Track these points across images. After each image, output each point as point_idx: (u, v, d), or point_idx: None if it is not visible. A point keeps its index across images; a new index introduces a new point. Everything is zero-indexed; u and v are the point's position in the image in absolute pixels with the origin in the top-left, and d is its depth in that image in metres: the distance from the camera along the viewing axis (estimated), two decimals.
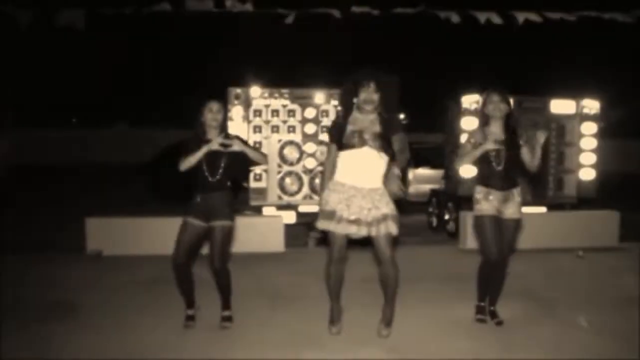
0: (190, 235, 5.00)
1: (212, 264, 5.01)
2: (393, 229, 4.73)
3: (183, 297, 5.19)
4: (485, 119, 5.15)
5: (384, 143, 4.77)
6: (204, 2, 6.54)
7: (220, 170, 4.99)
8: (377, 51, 25.58)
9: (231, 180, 5.16)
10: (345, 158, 4.79)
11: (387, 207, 4.73)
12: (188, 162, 4.93)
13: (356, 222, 4.68)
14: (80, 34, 6.61)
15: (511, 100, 5.20)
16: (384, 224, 4.70)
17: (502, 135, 5.07)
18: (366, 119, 4.80)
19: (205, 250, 5.53)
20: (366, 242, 4.89)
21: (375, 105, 4.79)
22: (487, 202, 5.08)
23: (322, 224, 4.79)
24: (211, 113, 5.01)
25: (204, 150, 4.91)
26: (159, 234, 7.81)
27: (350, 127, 4.79)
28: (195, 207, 5.00)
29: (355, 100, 4.83)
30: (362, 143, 4.72)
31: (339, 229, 4.71)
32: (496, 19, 6.84)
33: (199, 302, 5.25)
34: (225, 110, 5.20)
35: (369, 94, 4.76)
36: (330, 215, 4.72)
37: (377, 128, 4.78)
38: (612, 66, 28.03)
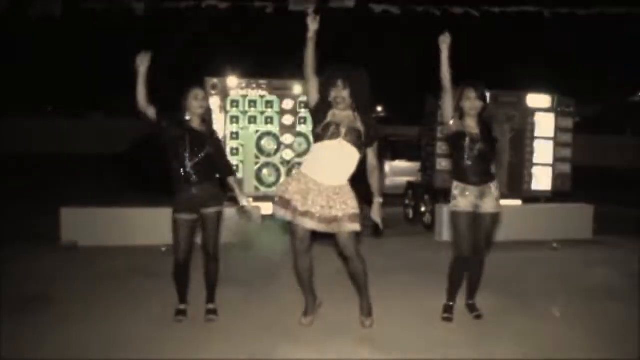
0: (186, 231, 4.93)
1: (207, 250, 5.01)
2: (347, 228, 4.70)
3: (178, 291, 5.13)
4: (460, 112, 5.13)
5: (359, 140, 4.77)
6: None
7: (205, 164, 4.93)
8: (356, 41, 25.53)
9: (219, 172, 5.13)
10: (317, 149, 4.81)
11: (341, 209, 4.69)
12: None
13: (307, 214, 4.66)
14: (58, 22, 6.51)
15: (488, 95, 5.18)
16: (336, 224, 4.69)
17: (477, 129, 5.09)
18: (342, 114, 4.80)
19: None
20: (331, 237, 4.90)
21: (347, 102, 4.79)
22: (463, 198, 5.05)
23: (277, 211, 4.78)
24: (196, 100, 4.92)
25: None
26: (134, 225, 7.79)
27: (327, 120, 4.79)
28: (185, 201, 4.90)
29: (329, 98, 4.83)
30: (337, 135, 4.72)
31: (290, 218, 4.71)
32: (474, 13, 6.87)
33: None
34: (208, 99, 5.13)
35: (338, 92, 4.75)
36: (285, 204, 4.72)
37: (355, 124, 4.78)
38: (588, 62, 28.31)
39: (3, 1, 6.17)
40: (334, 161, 4.72)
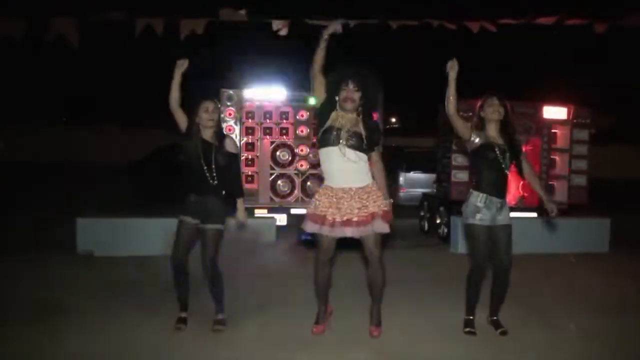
0: (187, 234, 4.98)
1: (204, 264, 4.99)
2: (382, 228, 4.73)
3: (178, 299, 5.16)
4: (480, 123, 5.09)
5: (361, 144, 4.72)
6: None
7: (216, 174, 4.94)
8: (370, 53, 25.58)
9: (226, 189, 5.11)
10: (322, 157, 4.82)
11: (375, 205, 4.72)
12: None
13: (347, 223, 4.67)
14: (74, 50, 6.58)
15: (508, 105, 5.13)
16: (372, 223, 4.69)
17: (499, 139, 5.04)
18: (346, 118, 4.77)
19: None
20: (353, 245, 4.91)
21: (356, 104, 4.77)
22: (488, 210, 4.98)
23: (310, 227, 4.80)
24: (207, 113, 4.93)
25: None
26: (149, 235, 7.80)
27: (328, 123, 4.77)
28: (190, 207, 4.96)
29: (337, 98, 4.81)
30: (337, 141, 4.70)
31: (329, 232, 4.71)
32: (490, 27, 6.83)
33: (191, 302, 5.24)
34: (219, 111, 5.14)
35: (349, 93, 4.73)
36: (320, 219, 4.73)
37: (357, 128, 4.75)
38: (605, 73, 28.18)
39: (19, 26, 6.21)
40: (344, 166, 4.71)
